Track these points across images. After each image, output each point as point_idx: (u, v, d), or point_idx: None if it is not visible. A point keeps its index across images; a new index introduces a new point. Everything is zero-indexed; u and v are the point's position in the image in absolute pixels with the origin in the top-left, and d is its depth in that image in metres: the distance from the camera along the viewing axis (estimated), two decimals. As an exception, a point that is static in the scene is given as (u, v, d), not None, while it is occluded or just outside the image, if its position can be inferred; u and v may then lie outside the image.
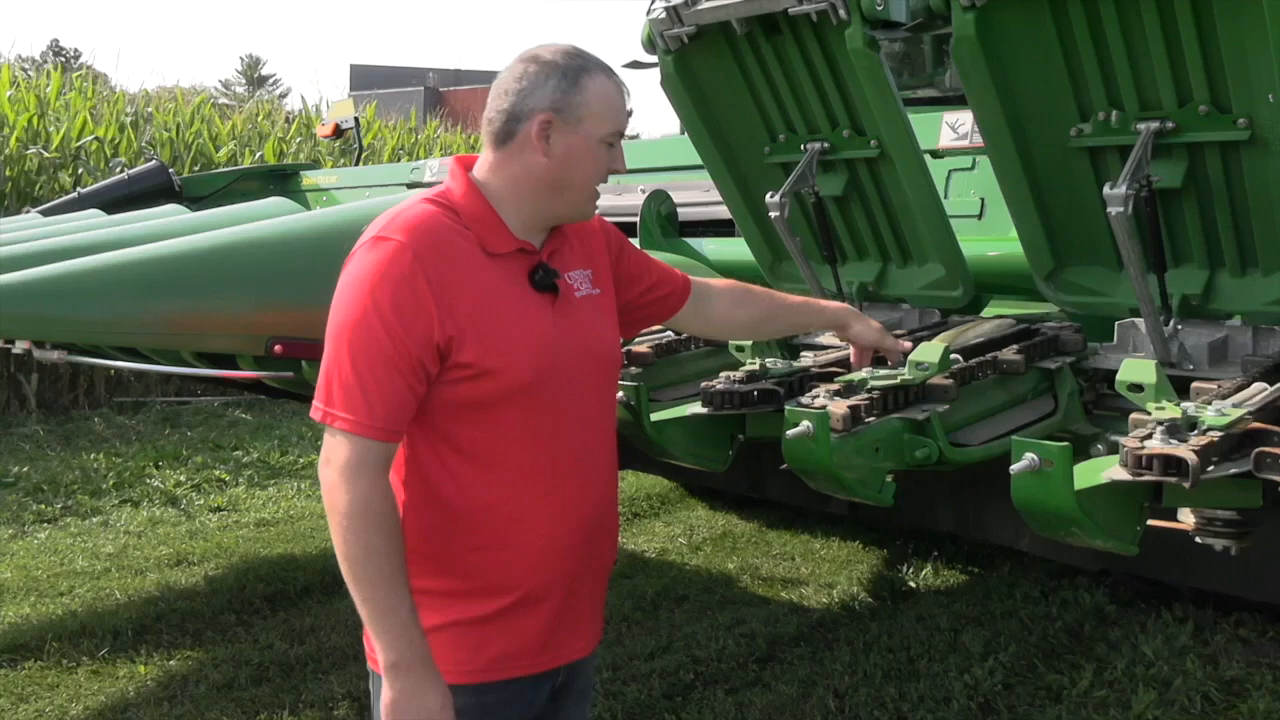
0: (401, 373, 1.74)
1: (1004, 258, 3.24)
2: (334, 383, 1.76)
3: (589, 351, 1.94)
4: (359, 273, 1.78)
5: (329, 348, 1.78)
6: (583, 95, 1.84)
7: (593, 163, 1.88)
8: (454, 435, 1.83)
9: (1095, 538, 1.82)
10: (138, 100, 11.75)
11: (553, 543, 1.88)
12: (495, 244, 1.84)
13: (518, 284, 1.86)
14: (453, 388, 1.79)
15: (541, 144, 1.83)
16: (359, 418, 1.73)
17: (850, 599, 4.96)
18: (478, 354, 1.77)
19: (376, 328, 1.73)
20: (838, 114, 2.94)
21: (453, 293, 1.76)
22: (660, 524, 6.15)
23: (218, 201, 5.72)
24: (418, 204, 1.85)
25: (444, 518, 1.84)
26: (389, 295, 1.73)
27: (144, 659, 4.30)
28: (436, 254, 1.78)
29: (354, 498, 1.72)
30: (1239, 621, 4.53)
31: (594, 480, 1.96)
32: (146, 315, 2.65)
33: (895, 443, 2.23)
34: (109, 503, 6.55)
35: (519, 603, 1.86)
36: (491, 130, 1.87)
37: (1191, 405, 1.88)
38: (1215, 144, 2.41)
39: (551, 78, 1.83)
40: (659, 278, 2.23)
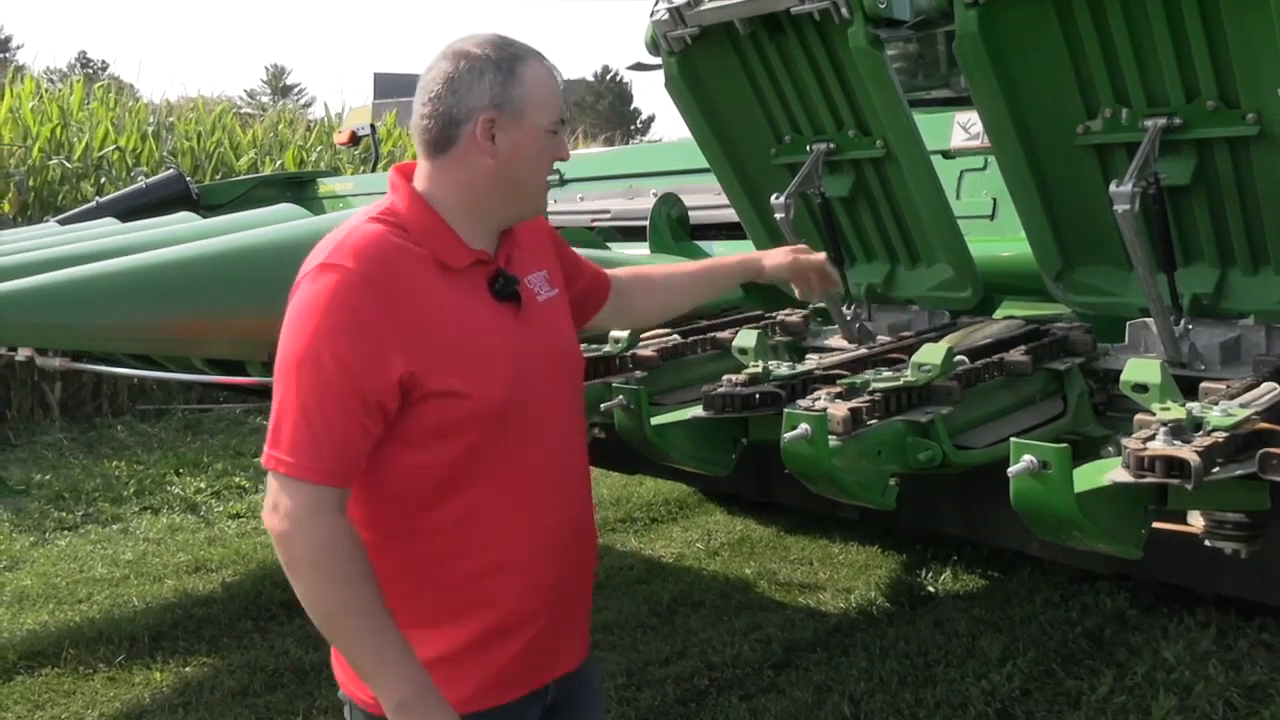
0: (354, 412, 1.61)
1: (1017, 258, 3.20)
2: (282, 424, 1.63)
3: (556, 358, 1.85)
4: (305, 304, 1.64)
5: (276, 386, 1.65)
6: (522, 87, 1.71)
7: (542, 155, 1.77)
8: (425, 463, 1.70)
9: (1097, 541, 1.79)
10: (160, 110, 11.84)
11: (535, 559, 1.80)
12: (451, 258, 1.72)
13: (478, 298, 1.75)
14: (420, 417, 1.67)
15: (487, 144, 1.71)
16: (305, 461, 1.60)
17: (868, 604, 4.92)
18: (446, 381, 1.66)
19: (326, 364, 1.60)
20: (843, 114, 2.92)
21: (411, 319, 1.64)
22: (678, 529, 6.13)
23: (235, 209, 5.75)
24: (363, 224, 1.71)
25: (418, 550, 1.74)
26: (340, 329, 1.60)
27: (160, 665, 4.32)
28: (390, 279, 1.65)
29: (314, 542, 1.60)
30: (1262, 626, 4.47)
31: (571, 489, 1.88)
32: (147, 321, 2.65)
33: (898, 445, 2.20)
34: (129, 510, 6.59)
35: (503, 626, 1.78)
36: (427, 138, 1.74)
37: (1197, 405, 1.84)
38: (1224, 140, 2.37)
39: (486, 73, 1.70)
40: (589, 276, 2.15)
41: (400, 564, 1.73)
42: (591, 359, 2.87)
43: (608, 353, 2.89)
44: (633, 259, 3.83)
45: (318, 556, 1.60)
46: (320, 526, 1.60)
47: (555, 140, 1.78)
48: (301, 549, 1.60)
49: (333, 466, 1.61)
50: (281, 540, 1.62)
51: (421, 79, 1.76)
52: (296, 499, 1.60)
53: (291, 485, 1.61)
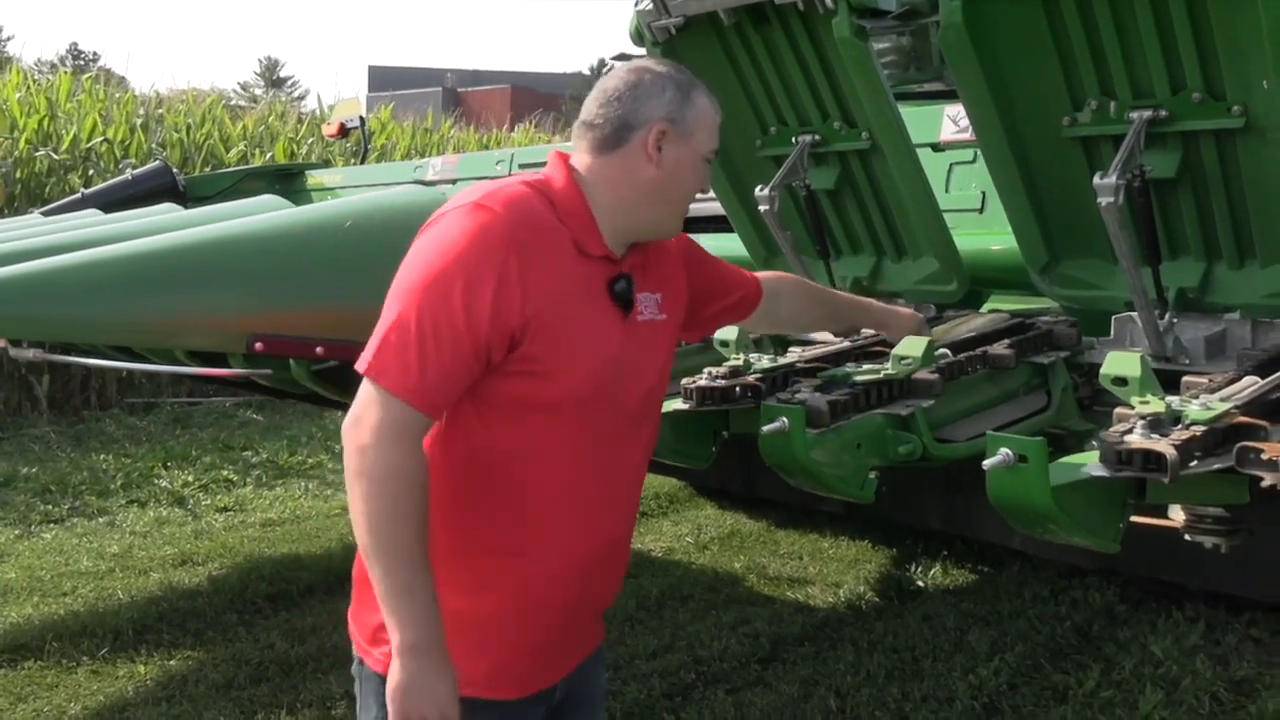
0: (463, 352, 1.64)
1: (1006, 252, 3.19)
2: (391, 337, 1.63)
3: (641, 379, 1.86)
4: (447, 235, 1.67)
5: (392, 303, 1.66)
6: (694, 109, 1.81)
7: (695, 178, 1.84)
8: (496, 430, 1.73)
9: (1073, 534, 1.77)
10: (150, 102, 11.79)
11: (568, 563, 1.80)
12: (588, 244, 1.76)
13: (597, 291, 1.77)
14: (509, 380, 1.70)
15: (655, 153, 1.78)
16: (408, 380, 1.61)
17: (856, 598, 4.90)
18: (546, 351, 1.68)
19: (454, 295, 1.62)
20: (828, 105, 2.90)
21: (538, 281, 1.67)
22: (668, 523, 6.11)
23: (222, 201, 5.72)
24: (517, 184, 1.76)
25: (468, 507, 1.76)
26: (478, 267, 1.63)
27: (144, 659, 4.29)
28: (531, 237, 1.68)
29: (386, 461, 1.61)
30: (1251, 621, 4.46)
31: (618, 510, 1.89)
32: (123, 312, 2.62)
33: (878, 438, 2.18)
34: (116, 503, 6.55)
35: (524, 615, 1.79)
36: (598, 135, 1.80)
37: (1177, 399, 1.83)
38: (1210, 132, 2.36)
39: (668, 89, 1.79)
40: (736, 286, 2.19)
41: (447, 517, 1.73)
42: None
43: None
44: None
45: (389, 475, 1.61)
46: (403, 449, 1.62)
47: (705, 170, 1.86)
48: (376, 464, 1.61)
49: (433, 396, 1.63)
50: (359, 451, 1.63)
51: (600, 83, 1.83)
52: (388, 414, 1.61)
53: (387, 400, 1.62)
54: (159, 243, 2.77)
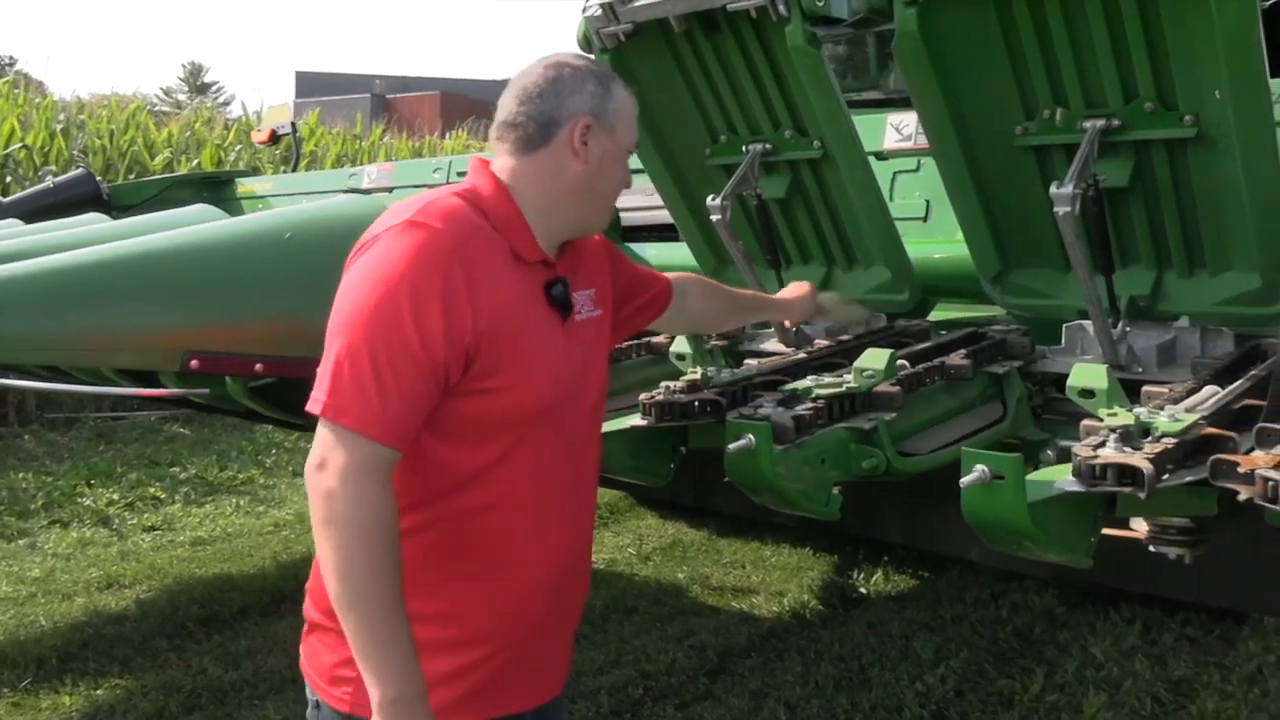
0: (423, 376, 1.57)
1: (950, 260, 3.19)
2: (344, 373, 1.56)
3: (587, 380, 1.83)
4: (386, 256, 1.60)
5: (339, 336, 1.59)
6: (615, 102, 1.78)
7: (621, 171, 1.82)
8: (452, 450, 1.67)
9: (1049, 551, 1.75)
10: (70, 107, 11.46)
11: (533, 581, 1.75)
12: (525, 250, 1.72)
13: (537, 297, 1.73)
14: (465, 400, 1.64)
15: (581, 148, 1.74)
16: (370, 415, 1.54)
17: (801, 607, 4.90)
18: (500, 365, 1.64)
19: (405, 320, 1.56)
20: (780, 114, 2.87)
21: (485, 294, 1.62)
22: (609, 534, 6.06)
23: (148, 210, 5.55)
24: (448, 196, 1.71)
25: (433, 536, 1.69)
26: (425, 286, 1.57)
27: (69, 689, 4.13)
28: (472, 249, 1.64)
29: (361, 506, 1.53)
30: (1185, 620, 4.55)
31: (578, 520, 1.85)
32: (51, 330, 2.49)
33: (841, 453, 2.15)
34: (37, 524, 6.33)
35: (491, 639, 1.73)
36: (520, 134, 1.75)
37: (1144, 411, 1.82)
38: (1162, 142, 2.37)
39: (589, 83, 1.75)
40: (650, 284, 2.17)
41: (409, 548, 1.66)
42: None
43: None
44: None
45: (361, 521, 1.54)
46: (371, 488, 1.54)
47: (628, 163, 1.85)
48: (345, 508, 1.54)
49: (399, 428, 1.57)
50: (327, 497, 1.54)
51: (517, 80, 1.78)
52: (355, 454, 1.54)
53: (351, 439, 1.54)
54: (89, 255, 2.65)
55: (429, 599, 1.67)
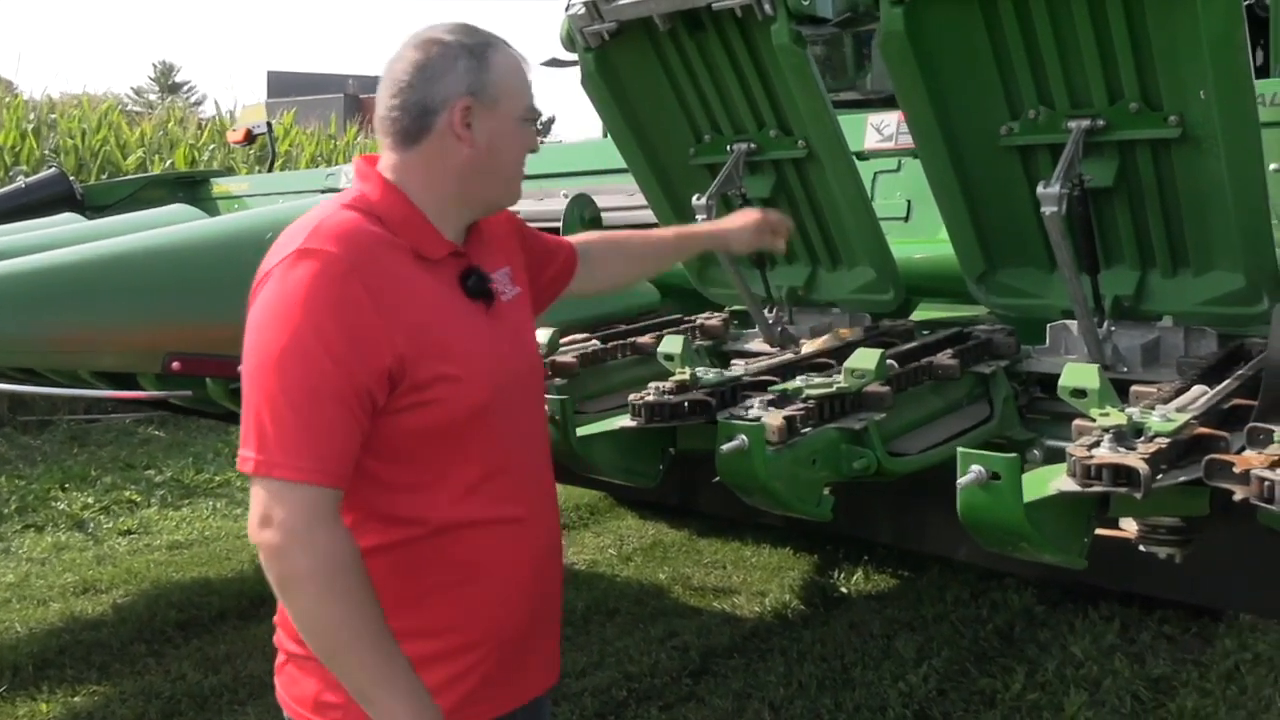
0: (350, 407, 1.50)
1: (931, 259, 3.19)
2: (266, 425, 1.49)
3: (522, 362, 1.78)
4: (287, 292, 1.52)
5: (254, 384, 1.51)
6: (495, 73, 1.66)
7: (518, 143, 1.73)
8: (403, 468, 1.61)
9: (1044, 552, 1.75)
10: (41, 107, 11.33)
11: (512, 575, 1.71)
12: (430, 249, 1.65)
13: (454, 292, 1.68)
14: (404, 415, 1.58)
15: (464, 132, 1.65)
16: (303, 463, 1.47)
17: (783, 607, 4.91)
18: (431, 376, 1.57)
19: (317, 355, 1.48)
20: (764, 113, 2.86)
21: (396, 308, 1.55)
22: (590, 535, 6.05)
23: (122, 210, 5.48)
24: (337, 210, 1.62)
25: (404, 556, 1.63)
26: (330, 316, 1.50)
27: (45, 696, 4.08)
28: (373, 265, 1.56)
29: (318, 553, 1.47)
30: (1163, 619, 4.59)
31: (543, 503, 1.81)
32: (30, 332, 2.45)
33: (832, 454, 2.14)
34: (10, 529, 6.25)
35: (476, 646, 1.69)
36: (397, 129, 1.66)
37: (1136, 410, 1.82)
38: (1146, 142, 2.37)
39: (460, 59, 1.64)
40: (557, 252, 2.11)
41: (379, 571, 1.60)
42: (509, 367, 2.76)
43: (526, 360, 2.78)
44: None
45: (322, 569, 1.48)
46: (323, 536, 1.48)
47: (527, 130, 1.74)
48: (304, 563, 1.48)
49: (335, 466, 1.50)
50: (278, 555, 1.48)
51: (388, 69, 1.68)
52: (296, 506, 1.47)
53: (289, 491, 1.47)
54: (67, 256, 2.61)
55: (407, 616, 1.62)
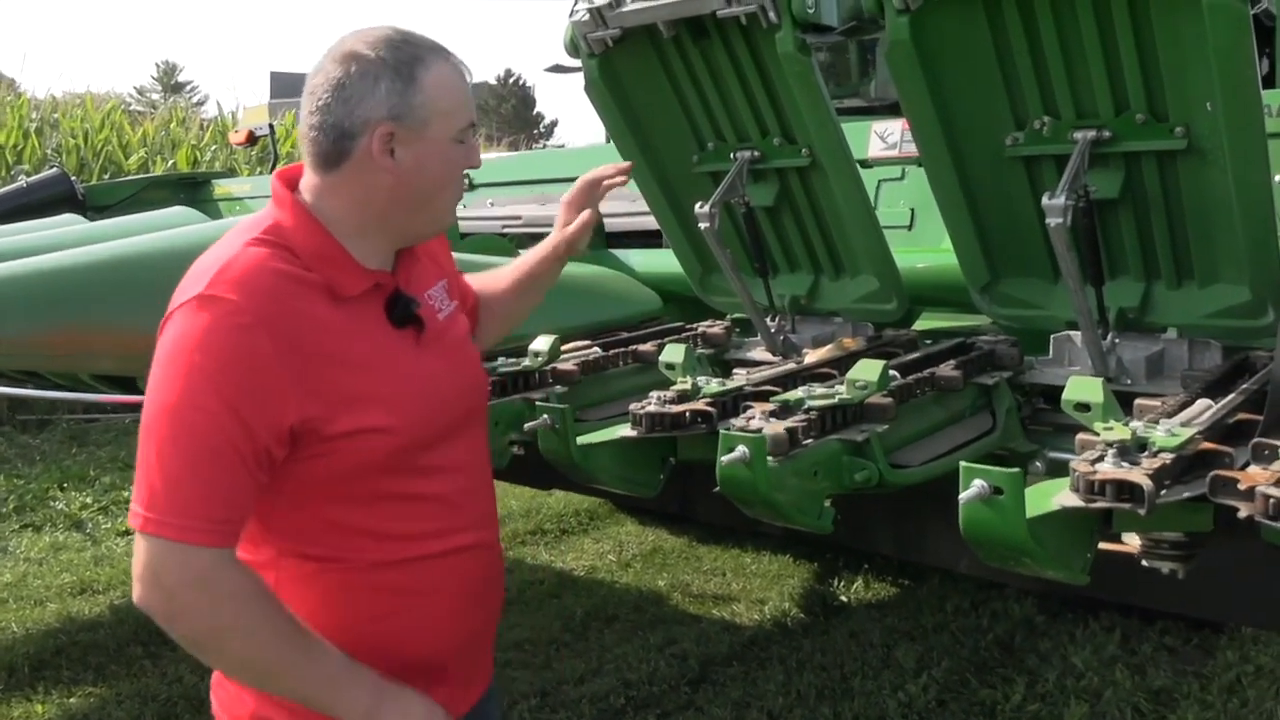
0: (246, 465, 1.43)
1: (934, 269, 3.18)
2: (156, 480, 1.42)
3: (462, 383, 1.70)
4: (182, 341, 1.43)
5: (147, 435, 1.44)
6: (423, 93, 1.52)
7: (449, 167, 1.58)
8: (336, 508, 1.54)
9: (1046, 567, 1.74)
10: (44, 106, 11.33)
11: (455, 601, 1.66)
12: (346, 285, 1.54)
13: (377, 325, 1.58)
14: (319, 460, 1.50)
15: (386, 160, 1.52)
16: (192, 521, 1.40)
17: (782, 615, 4.89)
18: (350, 428, 1.49)
19: (212, 409, 1.40)
20: (768, 121, 2.85)
21: (306, 357, 1.46)
22: (589, 540, 6.04)
23: (124, 211, 5.47)
24: (245, 248, 1.51)
25: (333, 590, 1.57)
26: (226, 369, 1.42)
27: (41, 697, 4.06)
28: (277, 312, 1.46)
29: (218, 606, 1.42)
30: (1164, 629, 4.56)
31: (484, 525, 1.75)
32: (30, 334, 2.44)
33: (834, 465, 2.13)
34: (8, 528, 6.24)
35: (424, 670, 1.64)
36: (316, 150, 1.54)
37: (1140, 425, 1.81)
38: (1152, 154, 2.36)
39: (382, 79, 1.50)
40: (465, 299, 1.96)
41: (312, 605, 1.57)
42: (511, 374, 2.76)
43: (527, 367, 2.78)
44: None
45: (226, 621, 1.43)
46: (218, 588, 1.42)
47: (464, 148, 1.60)
48: (205, 620, 1.43)
49: (226, 525, 1.44)
50: (172, 619, 1.43)
51: (308, 81, 1.56)
52: (186, 568, 1.41)
53: (180, 552, 1.40)
54: (69, 258, 2.60)
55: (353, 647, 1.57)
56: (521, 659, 4.40)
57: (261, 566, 1.55)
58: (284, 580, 1.56)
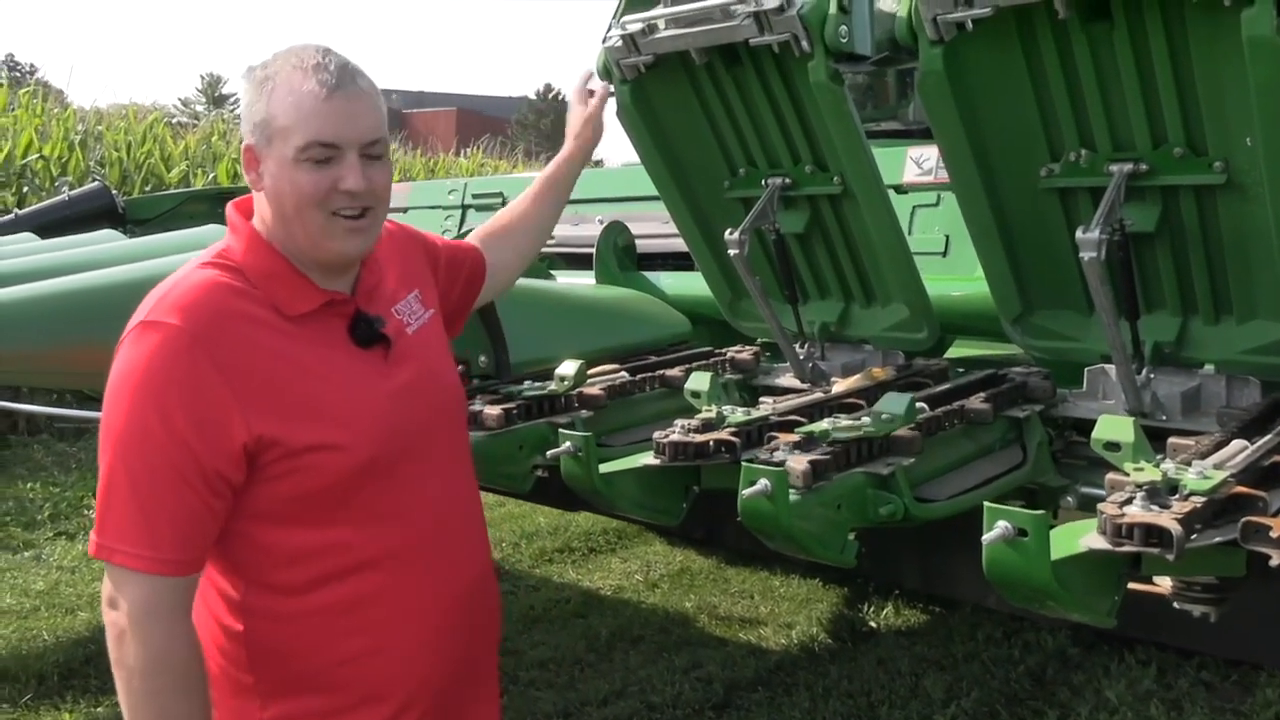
0: (195, 489, 1.42)
1: (968, 297, 3.15)
2: (110, 508, 1.43)
3: (432, 402, 1.66)
4: (127, 368, 1.44)
5: (102, 465, 1.45)
6: (268, 110, 1.50)
7: (296, 188, 1.50)
8: (291, 536, 1.52)
9: (1072, 611, 1.71)
10: (89, 118, 11.49)
11: (429, 633, 1.61)
12: (293, 303, 1.53)
13: (336, 345, 1.56)
14: (276, 484, 1.49)
15: (254, 176, 1.54)
16: (143, 551, 1.41)
17: (809, 640, 4.83)
18: (304, 444, 1.47)
19: (158, 436, 1.41)
20: (800, 148, 2.84)
21: (253, 376, 1.46)
22: (616, 560, 6.01)
23: (163, 225, 5.53)
24: (194, 271, 1.52)
25: (297, 633, 1.54)
26: (169, 394, 1.41)
27: (70, 706, 4.09)
28: (221, 333, 1.46)
29: (148, 652, 1.42)
30: (1201, 664, 4.46)
31: (464, 548, 1.69)
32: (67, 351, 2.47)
33: (858, 499, 2.11)
34: (43, 535, 6.29)
35: (404, 706, 1.60)
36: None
37: (1171, 466, 1.77)
38: (1190, 188, 2.33)
39: (249, 94, 1.53)
40: (464, 259, 1.98)
41: (276, 651, 1.54)
42: (536, 397, 2.75)
43: (553, 391, 2.77)
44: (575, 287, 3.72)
45: (150, 668, 1.43)
46: (156, 632, 1.43)
47: (311, 169, 1.50)
48: (133, 655, 1.43)
49: (173, 554, 1.43)
50: (118, 640, 1.44)
51: None
52: (134, 596, 1.42)
53: (128, 578, 1.42)
54: (103, 277, 2.64)
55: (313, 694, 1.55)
56: (545, 678, 4.37)
57: (231, 606, 1.54)
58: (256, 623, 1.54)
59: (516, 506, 6.52)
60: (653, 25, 2.73)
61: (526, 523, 6.43)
